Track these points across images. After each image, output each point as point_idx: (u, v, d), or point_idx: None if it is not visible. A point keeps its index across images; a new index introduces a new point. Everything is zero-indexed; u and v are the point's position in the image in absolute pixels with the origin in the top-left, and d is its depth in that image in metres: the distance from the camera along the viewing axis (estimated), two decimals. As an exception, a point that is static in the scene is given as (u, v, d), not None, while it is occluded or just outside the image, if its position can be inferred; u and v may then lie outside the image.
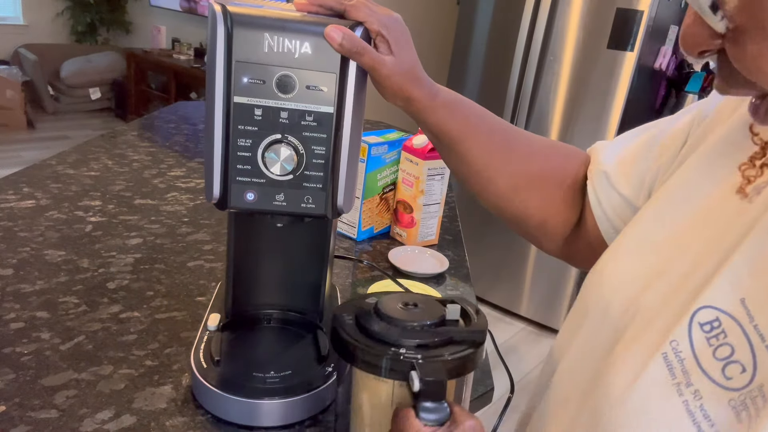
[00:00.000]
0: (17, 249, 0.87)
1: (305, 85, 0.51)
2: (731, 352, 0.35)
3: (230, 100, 0.51)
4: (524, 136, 0.66)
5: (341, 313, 0.52)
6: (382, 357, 0.47)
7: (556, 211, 0.64)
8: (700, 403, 0.34)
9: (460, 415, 0.44)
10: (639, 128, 0.64)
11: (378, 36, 0.52)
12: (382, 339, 0.49)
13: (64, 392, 0.59)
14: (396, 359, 0.47)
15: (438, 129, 0.60)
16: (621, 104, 2.25)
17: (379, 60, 0.52)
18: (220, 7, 0.49)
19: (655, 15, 2.16)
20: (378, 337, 0.49)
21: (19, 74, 4.59)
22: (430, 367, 0.46)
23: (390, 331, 0.49)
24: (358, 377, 0.52)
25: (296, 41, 0.50)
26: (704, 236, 0.43)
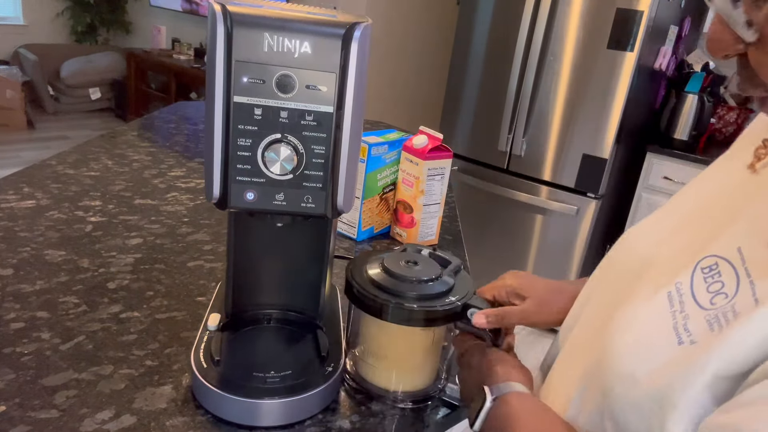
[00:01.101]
0: (17, 249, 0.87)
1: (305, 84, 0.51)
2: (721, 286, 0.42)
3: (230, 99, 0.51)
4: None
5: (355, 277, 0.63)
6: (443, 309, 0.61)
7: None
8: (685, 322, 0.42)
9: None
10: None
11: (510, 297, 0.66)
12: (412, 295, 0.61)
13: (64, 392, 0.59)
14: (452, 307, 0.61)
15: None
16: (621, 104, 2.25)
17: (523, 312, 0.63)
18: (220, 7, 0.49)
19: (655, 15, 2.16)
20: (409, 294, 0.61)
21: (19, 74, 4.59)
22: (479, 305, 0.62)
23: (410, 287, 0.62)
24: (393, 331, 0.63)
25: (296, 41, 0.50)
26: (719, 204, 0.51)
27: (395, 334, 0.64)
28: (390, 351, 0.65)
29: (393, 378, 0.65)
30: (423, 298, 0.61)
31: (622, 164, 2.50)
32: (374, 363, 0.65)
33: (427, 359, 0.66)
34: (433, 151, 1.03)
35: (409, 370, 0.66)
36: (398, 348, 0.65)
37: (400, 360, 0.65)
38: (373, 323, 0.64)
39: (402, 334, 0.63)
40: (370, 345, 0.66)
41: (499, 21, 2.48)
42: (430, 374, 0.67)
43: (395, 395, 0.65)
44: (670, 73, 2.56)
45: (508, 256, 2.70)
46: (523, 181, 2.55)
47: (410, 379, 0.66)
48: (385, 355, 0.65)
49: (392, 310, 0.60)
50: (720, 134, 2.67)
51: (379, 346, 0.65)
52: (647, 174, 2.51)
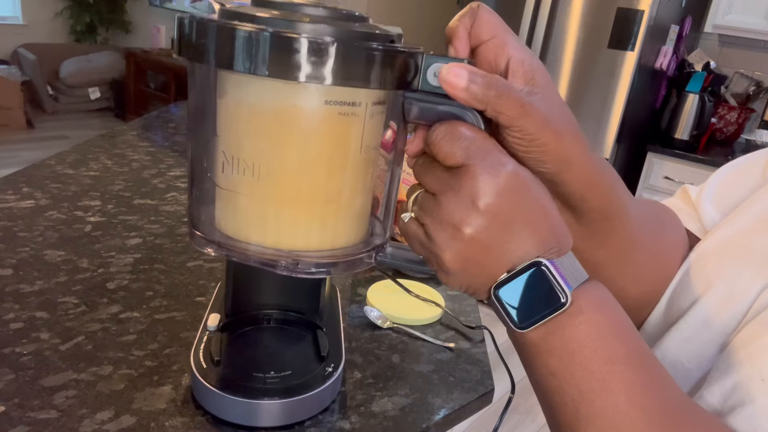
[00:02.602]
0: (16, 249, 0.87)
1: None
2: None
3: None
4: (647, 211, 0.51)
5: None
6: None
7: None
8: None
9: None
10: (739, 159, 0.54)
11: (510, 64, 0.33)
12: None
13: (64, 392, 0.59)
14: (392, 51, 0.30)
15: (585, 205, 0.40)
16: (621, 104, 2.25)
17: (518, 95, 0.32)
18: (220, 7, 0.49)
19: (655, 15, 2.16)
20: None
21: (18, 74, 4.59)
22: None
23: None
24: (293, 114, 0.32)
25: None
26: None
27: (290, 116, 0.32)
28: (277, 157, 0.33)
29: (294, 222, 0.34)
30: (336, 34, 0.31)
31: (622, 164, 2.50)
32: (248, 191, 0.33)
33: (351, 184, 0.36)
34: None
35: (318, 206, 0.35)
36: (300, 152, 0.33)
37: (299, 181, 0.33)
38: (246, 100, 0.32)
39: (309, 120, 0.32)
40: (242, 152, 0.33)
41: (499, 20, 2.48)
42: (354, 218, 0.37)
43: (296, 255, 0.34)
44: (670, 72, 2.56)
45: (508, 256, 2.70)
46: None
47: (321, 226, 0.35)
48: (269, 169, 0.33)
49: (269, 45, 0.29)
50: (721, 134, 2.67)
51: (257, 150, 0.33)
52: (648, 174, 2.51)
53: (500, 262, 0.32)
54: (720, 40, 2.76)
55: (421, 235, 0.34)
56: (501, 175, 0.31)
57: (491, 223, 0.31)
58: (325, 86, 0.30)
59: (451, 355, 0.76)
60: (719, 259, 0.46)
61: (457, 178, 0.31)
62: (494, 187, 0.31)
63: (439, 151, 0.32)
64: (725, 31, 2.51)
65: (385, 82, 0.31)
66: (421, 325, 0.81)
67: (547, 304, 0.32)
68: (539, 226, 0.32)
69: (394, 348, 0.76)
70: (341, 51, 0.29)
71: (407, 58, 0.32)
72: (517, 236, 0.32)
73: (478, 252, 0.32)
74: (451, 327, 0.82)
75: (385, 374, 0.70)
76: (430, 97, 0.32)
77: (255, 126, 0.32)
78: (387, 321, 0.80)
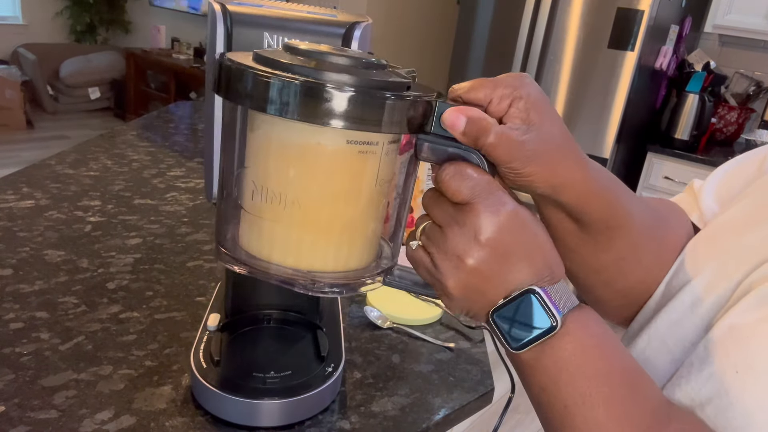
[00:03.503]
0: (16, 249, 0.87)
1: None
2: None
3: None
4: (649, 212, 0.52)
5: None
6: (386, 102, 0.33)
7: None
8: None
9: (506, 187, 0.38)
10: (740, 156, 0.56)
11: (512, 103, 0.37)
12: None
13: (64, 392, 0.59)
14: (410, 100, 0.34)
15: (587, 216, 0.43)
16: (621, 104, 2.25)
17: (521, 146, 0.36)
18: (220, 7, 0.49)
19: (655, 15, 2.16)
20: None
21: (18, 74, 4.59)
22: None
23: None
24: (317, 153, 0.35)
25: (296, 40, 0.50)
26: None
27: (314, 155, 0.36)
28: (301, 191, 0.36)
29: (314, 246, 0.38)
30: (357, 84, 0.34)
31: (622, 164, 2.50)
32: (274, 218, 0.37)
33: (367, 213, 0.39)
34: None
35: (335, 233, 0.38)
36: (321, 186, 0.37)
37: (321, 211, 0.37)
38: (275, 142, 0.36)
39: (331, 158, 0.36)
40: (271, 183, 0.36)
41: (499, 21, 2.48)
42: (368, 244, 0.40)
43: (313, 276, 0.38)
44: (670, 72, 2.56)
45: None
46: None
47: (336, 250, 0.39)
48: (296, 198, 0.36)
49: (298, 93, 0.32)
50: (721, 134, 2.67)
51: (285, 181, 0.36)
52: (648, 174, 2.51)
53: (498, 289, 0.36)
54: (720, 40, 2.76)
55: (428, 262, 0.38)
56: (502, 214, 0.35)
57: (491, 255, 0.35)
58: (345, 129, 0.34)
59: (451, 355, 0.76)
60: (710, 247, 0.48)
61: (463, 213, 0.36)
62: (495, 224, 0.35)
63: (447, 188, 0.36)
64: (725, 31, 2.51)
65: (399, 126, 0.35)
66: (421, 325, 0.81)
67: (539, 328, 0.36)
68: (534, 259, 0.36)
69: (394, 348, 0.76)
70: (360, 100, 0.33)
71: (418, 106, 0.35)
72: (514, 267, 0.36)
73: (479, 281, 0.36)
74: (451, 327, 0.82)
75: (385, 374, 0.70)
76: (440, 138, 0.36)
77: (282, 160, 0.36)
78: (387, 321, 0.80)
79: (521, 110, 0.36)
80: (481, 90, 0.37)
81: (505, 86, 0.37)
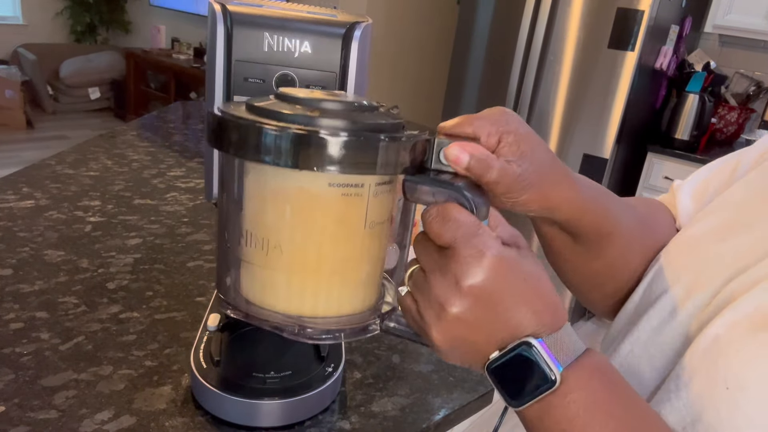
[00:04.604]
0: (16, 249, 0.87)
1: (305, 84, 0.51)
2: None
3: (230, 99, 0.50)
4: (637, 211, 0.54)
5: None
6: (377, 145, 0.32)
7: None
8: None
9: (504, 222, 0.37)
10: (719, 159, 0.58)
11: (501, 139, 0.37)
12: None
13: (64, 393, 0.59)
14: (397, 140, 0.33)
15: (580, 229, 0.45)
16: (622, 104, 2.25)
17: (520, 178, 0.37)
18: (220, 7, 0.49)
19: (655, 15, 2.16)
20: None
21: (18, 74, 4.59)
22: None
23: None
24: (302, 198, 0.34)
25: (296, 40, 0.50)
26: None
27: (300, 201, 0.35)
28: (290, 237, 0.36)
29: (302, 292, 0.37)
30: (349, 128, 0.34)
31: (622, 164, 2.50)
32: (260, 263, 0.37)
33: (357, 256, 0.38)
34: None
35: (328, 277, 0.37)
36: (307, 231, 0.36)
37: (307, 255, 0.36)
38: (258, 186, 0.36)
39: (313, 203, 0.35)
40: (255, 227, 0.36)
41: (499, 21, 2.48)
42: (362, 287, 0.39)
43: (302, 322, 0.37)
44: (670, 72, 2.56)
45: (508, 256, 2.70)
46: (523, 180, 2.55)
47: (327, 295, 0.38)
48: (277, 243, 0.36)
49: (292, 147, 0.32)
50: (721, 134, 2.67)
51: (268, 228, 0.36)
52: (648, 174, 2.51)
53: (490, 340, 0.34)
54: (720, 40, 2.76)
55: (414, 310, 0.36)
56: (485, 258, 0.33)
57: (475, 304, 0.33)
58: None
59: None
60: (688, 255, 0.47)
61: (445, 258, 0.34)
62: (477, 270, 0.33)
63: (430, 231, 0.34)
64: (725, 31, 2.51)
65: (386, 168, 0.34)
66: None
67: (537, 384, 0.33)
68: (528, 306, 0.34)
69: (394, 348, 0.76)
70: (345, 145, 0.32)
71: (408, 148, 0.34)
72: (504, 316, 0.33)
73: (465, 331, 0.34)
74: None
75: (385, 374, 0.70)
76: (427, 179, 0.35)
77: (266, 204, 0.35)
78: (387, 321, 0.80)
79: (511, 144, 0.37)
80: (467, 126, 0.37)
81: (491, 123, 0.37)
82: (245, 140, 0.32)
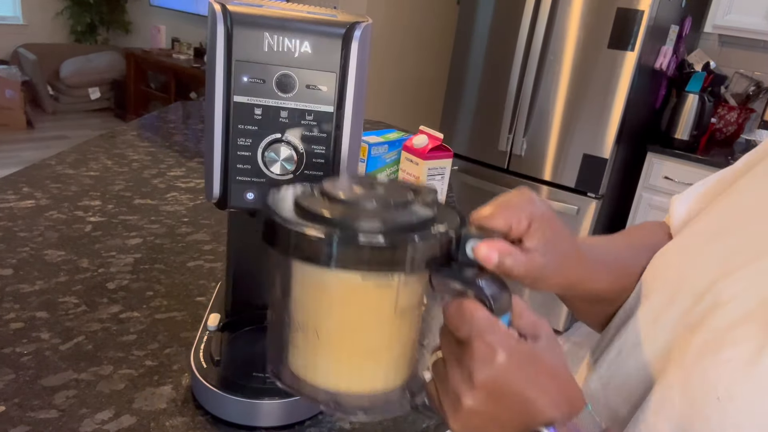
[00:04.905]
0: (17, 249, 0.87)
1: (305, 84, 0.51)
2: None
3: (230, 99, 0.51)
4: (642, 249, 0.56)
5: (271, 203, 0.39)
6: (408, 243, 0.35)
7: None
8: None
9: (529, 314, 0.38)
10: (715, 174, 0.59)
11: (531, 224, 0.40)
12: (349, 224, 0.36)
13: (64, 392, 0.59)
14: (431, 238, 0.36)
15: (595, 293, 0.49)
16: (621, 104, 2.25)
17: (538, 265, 0.40)
18: (220, 7, 0.49)
19: (655, 15, 2.16)
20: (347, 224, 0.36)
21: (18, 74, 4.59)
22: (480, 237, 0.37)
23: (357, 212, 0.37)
24: (337, 290, 0.39)
25: (296, 40, 0.50)
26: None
27: (335, 292, 0.39)
28: (327, 323, 0.40)
29: (338, 370, 0.41)
30: (392, 229, 0.37)
31: (622, 164, 2.50)
32: (305, 346, 0.41)
33: (387, 340, 0.41)
34: (433, 150, 1.03)
35: (360, 357, 0.41)
36: (342, 317, 0.40)
37: (343, 338, 0.40)
38: (298, 277, 0.40)
39: (347, 294, 0.39)
40: (296, 314, 0.41)
41: (499, 21, 2.48)
42: (392, 367, 0.42)
43: (338, 398, 0.41)
44: (670, 72, 2.56)
45: (508, 256, 2.70)
46: (523, 181, 2.55)
47: (360, 373, 0.41)
48: (319, 330, 0.40)
49: (324, 248, 0.35)
50: (721, 134, 2.67)
51: (307, 313, 0.40)
52: (648, 174, 2.51)
53: (505, 430, 0.35)
54: (720, 40, 2.76)
55: (435, 397, 0.38)
56: (497, 355, 0.34)
57: (488, 397, 0.35)
58: None
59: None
60: (675, 257, 0.49)
61: (461, 350, 0.36)
62: (490, 366, 0.34)
63: (449, 323, 0.37)
64: (725, 31, 2.51)
65: (415, 265, 0.36)
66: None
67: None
68: (542, 398, 0.35)
69: (394, 348, 0.76)
70: (378, 249, 0.35)
71: (436, 245, 0.37)
72: (518, 408, 0.35)
73: (480, 422, 0.36)
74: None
75: (385, 374, 0.70)
76: (451, 274, 0.38)
77: (306, 293, 0.39)
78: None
79: (538, 230, 0.40)
80: (500, 218, 0.39)
81: (521, 210, 0.40)
82: (290, 243, 0.36)
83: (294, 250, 0.37)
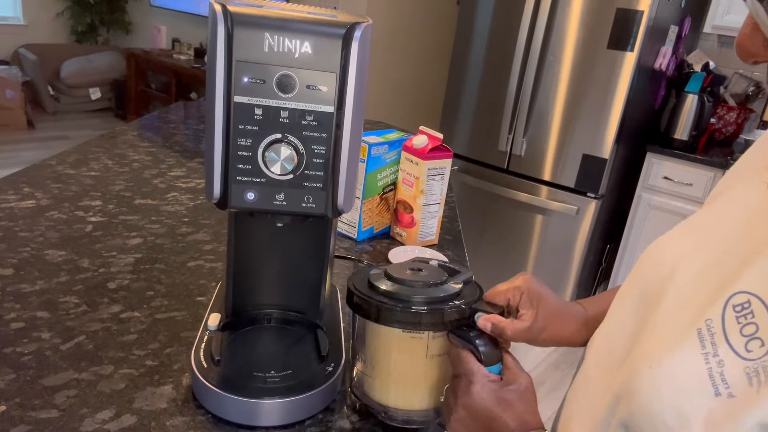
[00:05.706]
0: (17, 249, 0.87)
1: (305, 84, 0.51)
2: (755, 330, 0.38)
3: (230, 99, 0.51)
4: None
5: (355, 282, 0.61)
6: (440, 311, 0.56)
7: None
8: (721, 370, 0.39)
9: (513, 368, 0.54)
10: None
11: (521, 296, 0.58)
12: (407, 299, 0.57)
13: (65, 392, 0.59)
14: (455, 310, 0.56)
15: (581, 343, 0.61)
16: (621, 104, 2.25)
17: (528, 332, 0.57)
18: (221, 7, 0.49)
19: (655, 15, 2.16)
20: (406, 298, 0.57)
21: (19, 74, 4.59)
22: (486, 310, 0.57)
23: (412, 291, 0.58)
24: (387, 338, 0.59)
25: (296, 41, 0.50)
26: (737, 221, 0.47)
27: (386, 340, 0.59)
28: (382, 360, 0.61)
29: (388, 392, 0.61)
30: (425, 301, 0.57)
31: (622, 164, 2.50)
32: (370, 374, 0.62)
33: (422, 374, 0.60)
34: (433, 151, 1.03)
35: (402, 384, 0.61)
36: (390, 357, 0.60)
37: (391, 371, 0.61)
38: (368, 329, 0.61)
39: (393, 341, 0.59)
40: (367, 353, 0.62)
41: (499, 21, 2.48)
42: (426, 394, 0.61)
43: (388, 411, 0.61)
44: (670, 73, 2.56)
45: (508, 256, 2.70)
46: (523, 181, 2.56)
47: (403, 396, 0.61)
48: (377, 364, 0.61)
49: (379, 311, 0.57)
50: (720, 134, 2.67)
51: (373, 354, 0.61)
52: (647, 174, 2.51)
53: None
54: (719, 41, 2.77)
55: (443, 412, 0.57)
56: (473, 386, 0.52)
57: (467, 414, 0.52)
58: None
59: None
60: (656, 242, 0.55)
61: (455, 383, 0.54)
62: (467, 393, 0.52)
63: (451, 364, 0.56)
64: (724, 31, 2.51)
65: (441, 327, 0.57)
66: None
67: None
68: (503, 413, 0.51)
69: (394, 348, 0.76)
70: (420, 316, 0.56)
71: (456, 315, 0.56)
72: (488, 422, 0.51)
73: (464, 430, 0.53)
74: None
75: (385, 374, 0.70)
76: (460, 333, 0.56)
77: (370, 339, 0.61)
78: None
79: (526, 299, 0.58)
80: (503, 295, 0.60)
81: (517, 289, 0.59)
82: (363, 310, 0.58)
83: (365, 315, 0.58)
